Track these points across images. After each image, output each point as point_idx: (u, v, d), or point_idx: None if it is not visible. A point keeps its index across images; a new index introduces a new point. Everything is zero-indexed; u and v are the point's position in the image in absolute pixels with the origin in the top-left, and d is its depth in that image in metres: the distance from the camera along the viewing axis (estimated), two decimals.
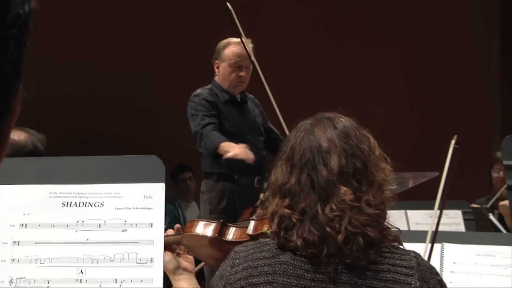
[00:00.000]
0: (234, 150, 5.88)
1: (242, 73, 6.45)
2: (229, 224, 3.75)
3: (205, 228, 3.67)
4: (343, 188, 2.73)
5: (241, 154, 5.86)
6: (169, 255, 3.38)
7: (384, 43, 11.75)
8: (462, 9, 12.60)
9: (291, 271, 2.74)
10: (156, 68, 10.09)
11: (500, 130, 12.33)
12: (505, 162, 2.30)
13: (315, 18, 11.21)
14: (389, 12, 11.85)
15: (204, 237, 3.57)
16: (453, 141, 3.99)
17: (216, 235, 3.62)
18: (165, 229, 4.16)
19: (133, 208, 2.08)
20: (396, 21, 11.93)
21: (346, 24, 11.53)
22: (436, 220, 4.06)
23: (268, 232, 2.87)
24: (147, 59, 10.01)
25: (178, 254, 3.45)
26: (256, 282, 2.77)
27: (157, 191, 2.12)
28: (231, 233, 3.70)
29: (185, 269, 3.39)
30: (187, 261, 3.43)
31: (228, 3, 5.50)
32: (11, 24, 0.75)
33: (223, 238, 3.62)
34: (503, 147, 2.35)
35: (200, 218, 5.49)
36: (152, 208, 2.09)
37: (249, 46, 6.13)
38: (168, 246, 3.39)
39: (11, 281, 2.01)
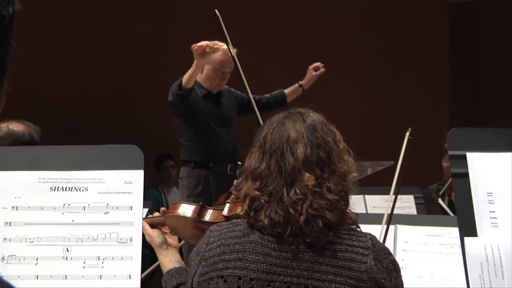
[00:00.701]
0: (193, 65, 6.03)
1: (223, 80, 6.53)
2: (207, 207, 3.79)
3: (185, 210, 3.69)
4: (307, 175, 2.74)
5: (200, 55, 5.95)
6: (156, 232, 3.44)
7: (349, 44, 11.79)
8: (415, 16, 12.66)
9: (259, 249, 2.75)
10: (143, 65, 10.07)
11: (449, 123, 12.41)
12: (450, 152, 2.28)
13: (290, 22, 11.24)
14: (353, 16, 11.89)
15: (184, 217, 3.58)
16: (407, 133, 4.05)
17: (196, 216, 3.64)
18: (150, 212, 4.18)
19: (114, 192, 2.08)
20: (359, 25, 11.95)
21: (317, 25, 11.54)
22: (391, 204, 4.11)
23: (241, 213, 2.87)
24: (134, 56, 10.06)
25: (164, 233, 3.45)
26: (228, 259, 2.78)
27: (136, 177, 2.11)
28: (209, 215, 3.72)
29: (169, 245, 3.42)
30: (171, 239, 3.46)
31: (216, 10, 5.47)
32: None
33: (202, 219, 3.63)
34: (448, 139, 2.34)
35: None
36: (132, 192, 2.09)
37: (234, 51, 6.05)
38: (154, 226, 3.47)
39: (3, 259, 2.01)
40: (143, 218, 3.53)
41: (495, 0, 13.20)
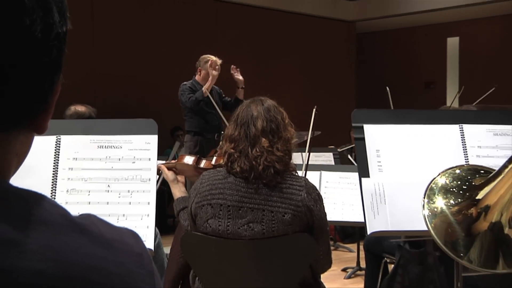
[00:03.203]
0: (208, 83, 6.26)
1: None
2: (202, 158, 3.83)
3: (188, 159, 3.75)
4: (263, 139, 2.76)
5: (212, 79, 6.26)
6: (170, 172, 3.40)
7: (290, 60, 11.80)
8: (334, 42, 12.68)
9: (234, 187, 2.75)
10: (164, 65, 9.91)
11: (356, 105, 12.47)
12: (353, 125, 2.28)
13: (248, 49, 11.15)
14: (294, 43, 11.85)
15: (187, 164, 3.63)
16: (314, 110, 4.30)
17: (194, 163, 3.69)
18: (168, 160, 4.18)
19: (139, 149, 2.08)
20: (298, 48, 11.93)
21: (270, 52, 11.48)
22: (306, 156, 4.22)
23: (222, 163, 2.87)
24: (159, 57, 9.86)
25: (175, 173, 3.46)
26: (213, 193, 2.79)
27: (153, 139, 2.12)
28: (203, 163, 3.77)
29: (179, 181, 3.39)
30: (180, 177, 3.43)
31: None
32: (53, 38, 0.70)
33: (198, 166, 3.66)
34: (352, 116, 2.33)
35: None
36: (150, 149, 2.09)
37: (218, 62, 6.42)
38: (170, 169, 3.43)
39: (67, 191, 2.00)
40: (163, 163, 3.62)
41: (385, 32, 13.20)
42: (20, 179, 1.85)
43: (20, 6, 0.65)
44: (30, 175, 1.96)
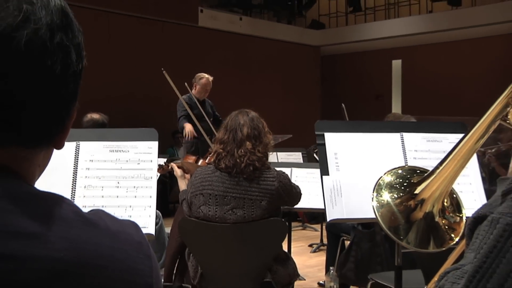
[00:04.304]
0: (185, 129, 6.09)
1: (206, 93, 6.46)
2: (200, 157, 3.92)
3: (190, 159, 3.80)
4: (248, 143, 2.79)
5: (187, 130, 6.07)
6: (179, 170, 3.43)
7: (268, 76, 11.76)
8: (304, 62, 12.69)
9: (220, 180, 2.76)
10: (165, 82, 9.81)
11: (321, 113, 12.49)
12: (316, 132, 2.27)
13: (236, 68, 11.10)
14: (265, 63, 11.83)
15: (190, 163, 3.67)
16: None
17: (194, 162, 3.73)
18: (169, 161, 4.16)
19: (143, 153, 2.03)
20: (276, 66, 11.91)
21: (250, 66, 11.46)
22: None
23: (212, 162, 2.87)
24: (162, 81, 9.78)
25: (183, 171, 3.45)
26: (204, 184, 2.80)
27: (154, 145, 2.06)
28: (200, 161, 3.83)
29: (185, 178, 3.39)
30: (187, 175, 3.42)
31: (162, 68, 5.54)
32: (70, 75, 0.70)
33: (197, 163, 3.71)
34: (315, 126, 2.33)
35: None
36: (151, 153, 2.04)
37: (210, 79, 6.38)
38: (179, 168, 3.45)
39: (85, 187, 1.97)
40: (173, 162, 3.63)
41: (343, 55, 13.23)
42: (48, 177, 1.83)
43: (44, 49, 0.66)
44: (55, 174, 1.93)
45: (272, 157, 5.51)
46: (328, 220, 2.12)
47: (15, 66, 0.64)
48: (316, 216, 7.36)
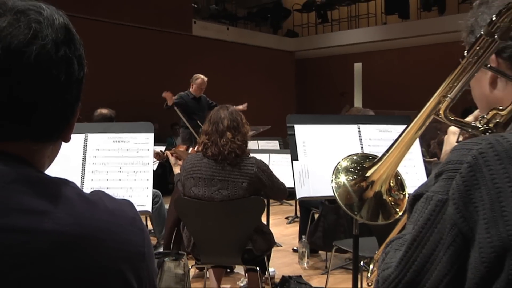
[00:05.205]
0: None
1: (202, 91, 6.35)
2: (190, 146, 3.83)
3: (182, 147, 3.72)
4: (228, 133, 2.73)
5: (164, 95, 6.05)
6: (173, 156, 3.38)
7: (249, 78, 11.68)
8: (281, 64, 12.65)
9: (208, 165, 2.73)
10: (166, 83, 9.69)
11: (296, 107, 12.46)
12: (287, 124, 2.26)
13: (224, 70, 11.00)
14: (248, 65, 11.73)
15: (182, 151, 3.58)
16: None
17: (185, 150, 3.65)
18: (167, 149, 4.11)
19: (141, 143, 2.01)
20: (264, 67, 11.83)
21: (236, 68, 11.39)
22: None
23: (200, 149, 2.82)
24: (162, 81, 9.65)
25: (177, 158, 3.41)
26: (194, 169, 2.77)
27: (150, 136, 2.03)
28: (190, 149, 3.73)
29: (178, 165, 3.32)
30: (180, 161, 3.37)
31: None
32: (73, 82, 0.70)
33: (188, 151, 3.62)
34: (287, 119, 2.32)
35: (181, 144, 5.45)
36: (148, 143, 2.01)
37: (205, 79, 6.29)
38: (172, 155, 3.40)
39: (92, 172, 1.95)
40: (168, 150, 3.56)
41: (314, 59, 13.20)
42: (63, 164, 1.79)
43: (50, 61, 0.66)
44: (68, 162, 1.91)
45: (254, 144, 5.53)
46: (297, 198, 2.12)
47: (27, 76, 0.64)
48: (291, 193, 7.35)
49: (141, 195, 1.89)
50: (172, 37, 10.11)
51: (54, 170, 0.74)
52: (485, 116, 0.87)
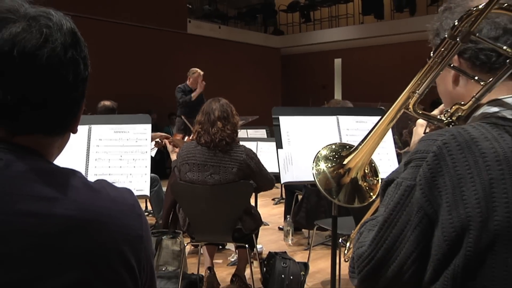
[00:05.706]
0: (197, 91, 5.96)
1: (197, 85, 6.22)
2: (185, 135, 3.79)
3: (179, 136, 3.69)
4: (219, 123, 2.70)
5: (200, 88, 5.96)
6: (170, 145, 3.34)
7: (239, 73, 11.59)
8: (267, 59, 12.58)
9: (201, 152, 2.71)
10: (163, 77, 9.51)
11: (282, 100, 12.42)
12: (273, 116, 2.25)
13: (216, 66, 10.89)
14: (237, 61, 11.64)
15: (179, 140, 3.54)
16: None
17: (181, 138, 3.62)
18: (166, 137, 4.06)
19: (139, 133, 1.99)
20: (240, 66, 11.74)
21: (226, 64, 11.30)
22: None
23: (195, 138, 2.80)
24: (160, 75, 9.56)
25: (174, 146, 3.38)
26: (189, 155, 2.75)
27: (148, 127, 2.01)
28: (186, 138, 3.70)
29: (175, 152, 3.29)
30: (177, 149, 3.34)
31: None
32: (79, 81, 0.70)
33: (184, 140, 3.59)
34: (272, 111, 2.30)
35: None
36: (146, 133, 1.99)
37: (201, 73, 6.15)
38: (170, 143, 3.36)
39: (95, 159, 1.92)
40: (166, 140, 3.49)
41: (298, 55, 13.16)
42: (69, 153, 1.76)
43: (60, 63, 0.67)
44: (73, 151, 1.89)
45: (243, 133, 5.51)
46: (282, 182, 2.13)
47: (39, 76, 0.65)
48: (277, 177, 7.34)
49: (140, 181, 1.88)
50: (169, 35, 10.02)
51: (62, 158, 0.75)
52: (449, 110, 0.87)
